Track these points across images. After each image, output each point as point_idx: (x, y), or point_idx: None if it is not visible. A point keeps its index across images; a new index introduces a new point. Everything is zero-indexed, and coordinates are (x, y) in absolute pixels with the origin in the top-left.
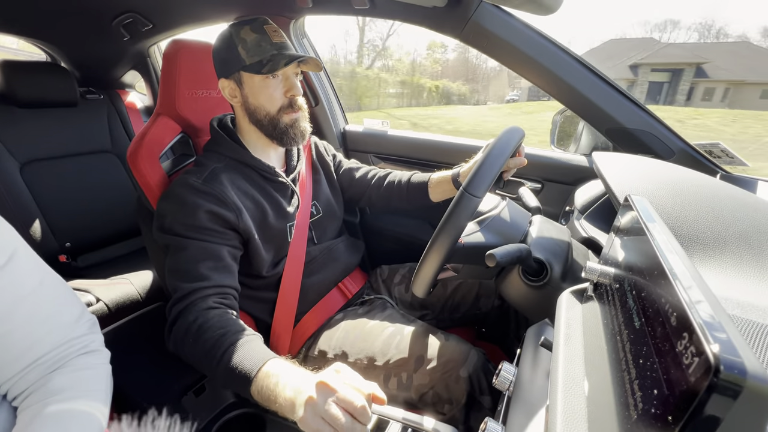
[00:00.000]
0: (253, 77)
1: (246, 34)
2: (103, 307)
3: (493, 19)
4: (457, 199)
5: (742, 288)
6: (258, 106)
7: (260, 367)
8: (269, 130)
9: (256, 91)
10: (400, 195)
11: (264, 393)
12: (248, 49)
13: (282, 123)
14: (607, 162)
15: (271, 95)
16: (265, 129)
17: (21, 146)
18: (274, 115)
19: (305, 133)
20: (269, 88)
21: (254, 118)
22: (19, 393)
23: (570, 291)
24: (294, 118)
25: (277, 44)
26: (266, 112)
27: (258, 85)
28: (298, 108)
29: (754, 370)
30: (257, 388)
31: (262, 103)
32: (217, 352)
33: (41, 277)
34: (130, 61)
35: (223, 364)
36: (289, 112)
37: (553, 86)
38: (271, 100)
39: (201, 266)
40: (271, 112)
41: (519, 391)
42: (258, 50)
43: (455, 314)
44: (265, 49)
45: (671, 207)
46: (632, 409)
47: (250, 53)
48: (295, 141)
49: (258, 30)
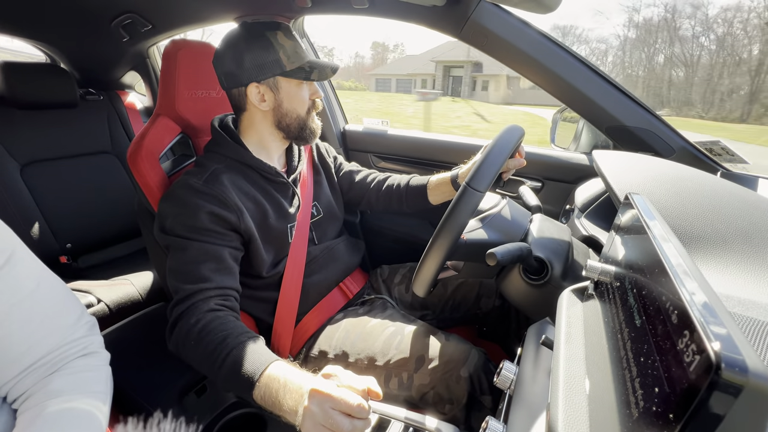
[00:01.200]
0: (290, 82)
1: (283, 39)
2: (104, 307)
3: (492, 18)
4: (460, 194)
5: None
6: (291, 109)
7: (262, 372)
8: (296, 131)
9: (292, 96)
10: (400, 198)
11: (267, 399)
12: (288, 56)
13: (309, 124)
14: (607, 160)
15: (303, 99)
16: (290, 130)
17: (21, 147)
18: (303, 117)
19: (318, 132)
20: (302, 92)
21: (283, 121)
22: (18, 395)
23: (571, 289)
24: (318, 122)
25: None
26: (297, 115)
27: (295, 89)
28: (316, 108)
29: (756, 368)
30: (260, 394)
31: (295, 106)
32: (218, 356)
33: (39, 279)
34: (130, 61)
35: (225, 368)
36: (311, 113)
37: (553, 85)
38: (303, 103)
39: (202, 267)
40: (302, 115)
41: (520, 390)
42: (296, 57)
43: (456, 314)
44: (301, 56)
45: (672, 205)
46: (633, 407)
47: (291, 60)
48: (314, 138)
49: (291, 37)
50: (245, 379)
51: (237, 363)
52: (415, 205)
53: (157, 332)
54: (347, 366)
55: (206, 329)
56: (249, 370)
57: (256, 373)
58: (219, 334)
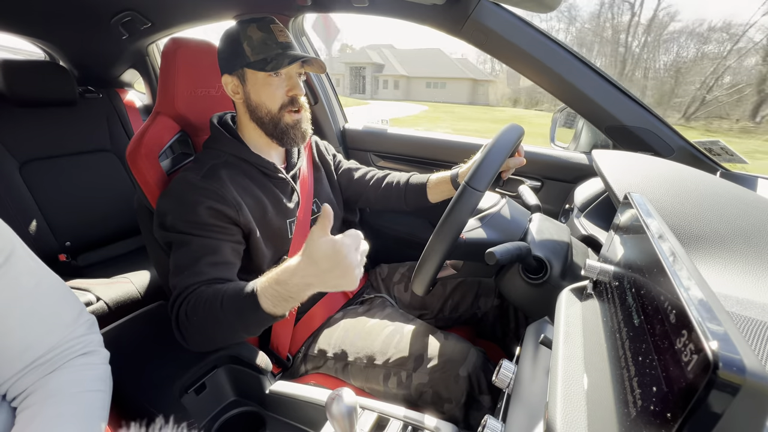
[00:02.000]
0: (257, 74)
1: (252, 31)
2: (103, 305)
3: (492, 17)
4: (459, 193)
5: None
6: (260, 103)
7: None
8: (270, 128)
9: (258, 88)
10: (399, 196)
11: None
12: (254, 47)
13: (283, 122)
14: (606, 160)
15: (273, 93)
16: (265, 127)
17: (20, 145)
18: (276, 113)
19: (306, 135)
20: (272, 86)
21: (255, 115)
22: (18, 393)
23: (569, 289)
24: (296, 119)
25: (282, 43)
26: (267, 110)
27: (261, 82)
28: (300, 108)
29: (753, 367)
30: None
31: (263, 100)
32: (216, 304)
33: (39, 277)
34: (129, 59)
35: (225, 308)
36: (290, 111)
37: (553, 84)
38: (272, 97)
39: (201, 263)
40: (273, 110)
41: (519, 389)
42: (263, 48)
43: (454, 314)
44: (270, 47)
45: (671, 205)
46: (631, 406)
47: (255, 51)
48: (295, 142)
49: (264, 29)
50: (247, 300)
51: (234, 297)
52: (414, 203)
53: (156, 330)
54: (346, 365)
55: (199, 298)
56: (247, 290)
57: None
58: (211, 292)
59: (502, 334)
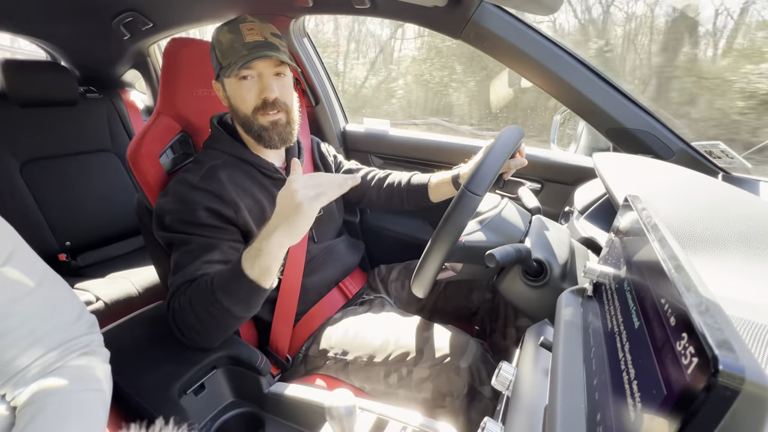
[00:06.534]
0: (231, 79)
1: (223, 36)
2: (102, 305)
3: (493, 19)
4: (458, 198)
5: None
6: (236, 107)
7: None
8: (248, 130)
9: (233, 93)
10: (400, 196)
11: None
12: (223, 51)
13: (257, 124)
14: (607, 162)
15: (243, 97)
16: (246, 129)
17: (21, 145)
18: (249, 116)
19: (286, 137)
20: (242, 90)
21: (237, 119)
22: (18, 393)
23: (569, 291)
24: (272, 120)
25: (249, 44)
26: (243, 113)
27: (234, 86)
28: (279, 109)
29: (753, 371)
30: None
31: (237, 104)
32: (207, 286)
33: (40, 276)
34: (130, 60)
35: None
36: (264, 114)
37: (554, 86)
38: (243, 101)
39: (197, 262)
40: (247, 113)
41: (518, 391)
42: (230, 52)
43: (448, 306)
44: (236, 50)
45: (671, 207)
46: (632, 409)
47: (224, 55)
48: (273, 143)
49: (233, 30)
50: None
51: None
52: (416, 204)
53: (156, 331)
54: (346, 364)
55: (190, 291)
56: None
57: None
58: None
59: (490, 331)
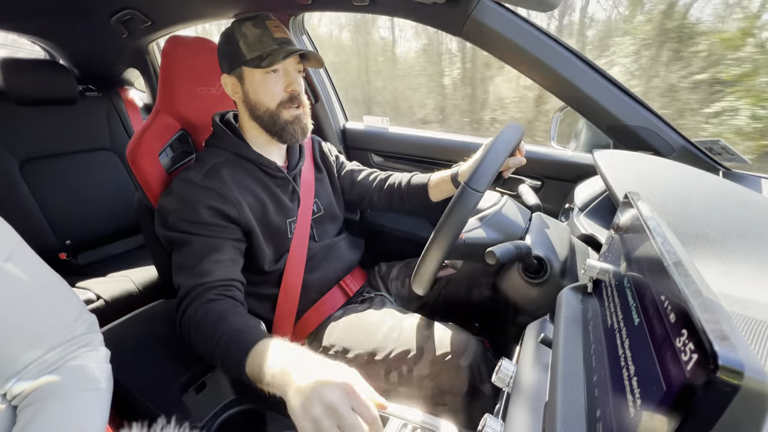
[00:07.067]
0: (254, 72)
1: (247, 29)
2: (103, 304)
3: (493, 16)
4: (459, 194)
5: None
6: (258, 101)
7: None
8: (269, 125)
9: (256, 86)
10: (401, 197)
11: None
12: (249, 44)
13: (282, 118)
14: (607, 159)
15: (270, 90)
16: (265, 125)
17: (20, 144)
18: (274, 110)
19: (306, 131)
20: (269, 83)
21: (254, 113)
22: (18, 392)
23: (570, 288)
24: (295, 115)
25: (278, 39)
26: (266, 108)
27: (258, 80)
28: (300, 104)
29: (753, 367)
30: (250, 369)
31: (261, 98)
32: (214, 336)
33: (40, 276)
34: (129, 58)
35: (220, 347)
36: (288, 108)
37: (554, 83)
38: (270, 95)
39: (204, 262)
40: (271, 108)
41: (518, 388)
42: (259, 45)
43: (449, 303)
44: (266, 43)
45: (671, 204)
46: (632, 405)
47: (251, 48)
48: (295, 137)
49: (260, 25)
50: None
51: (229, 340)
52: (416, 203)
53: (156, 329)
54: (348, 362)
55: (205, 316)
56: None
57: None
58: (214, 317)
59: (490, 328)
